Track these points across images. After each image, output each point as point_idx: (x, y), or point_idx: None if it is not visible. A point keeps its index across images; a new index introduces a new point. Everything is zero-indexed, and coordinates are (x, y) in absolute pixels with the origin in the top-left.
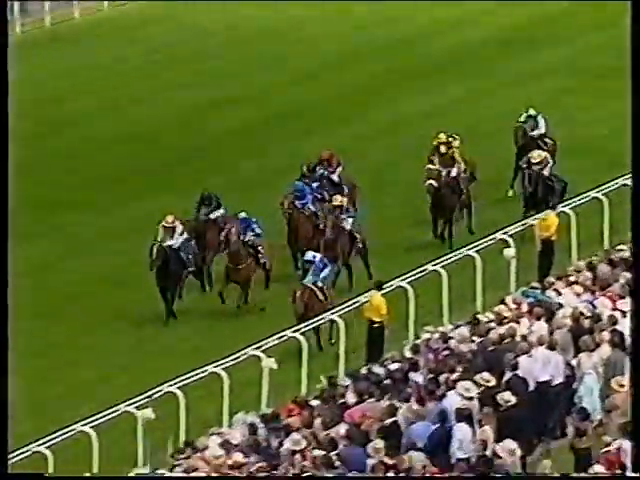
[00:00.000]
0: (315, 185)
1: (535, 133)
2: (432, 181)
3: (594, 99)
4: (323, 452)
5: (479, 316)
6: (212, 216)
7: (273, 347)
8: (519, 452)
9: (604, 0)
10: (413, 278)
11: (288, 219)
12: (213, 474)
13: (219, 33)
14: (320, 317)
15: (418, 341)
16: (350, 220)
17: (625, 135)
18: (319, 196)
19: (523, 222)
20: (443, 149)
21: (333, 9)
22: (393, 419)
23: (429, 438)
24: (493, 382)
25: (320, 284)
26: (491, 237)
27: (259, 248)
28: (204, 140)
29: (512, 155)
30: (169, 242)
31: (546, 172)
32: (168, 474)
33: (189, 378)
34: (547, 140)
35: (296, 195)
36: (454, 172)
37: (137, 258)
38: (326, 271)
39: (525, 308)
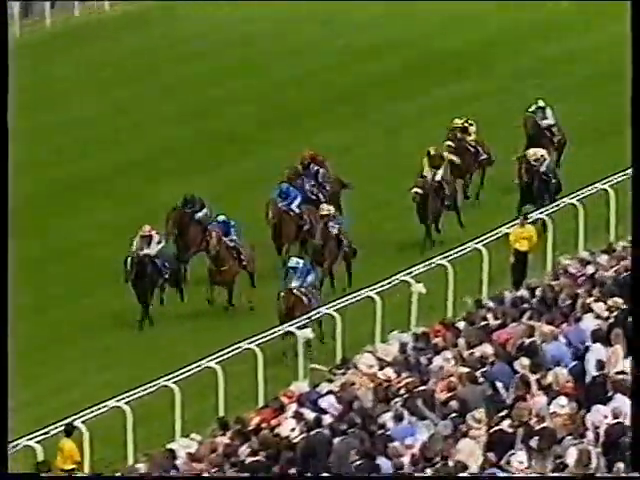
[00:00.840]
0: (310, 184)
1: (544, 123)
2: (417, 189)
3: None
4: (469, 369)
5: (614, 245)
6: (196, 216)
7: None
8: None
9: (604, 0)
10: (551, 211)
11: (272, 219)
12: (368, 387)
13: None
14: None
15: (557, 267)
16: (337, 226)
17: None
18: (314, 195)
19: None
20: (459, 134)
21: None
22: (532, 339)
23: (566, 357)
24: (624, 306)
25: (303, 289)
26: (623, 172)
27: (240, 250)
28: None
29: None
30: (146, 250)
31: (543, 168)
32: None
33: (345, 302)
34: (555, 131)
35: (281, 197)
36: (438, 176)
37: None
38: (311, 277)
39: None
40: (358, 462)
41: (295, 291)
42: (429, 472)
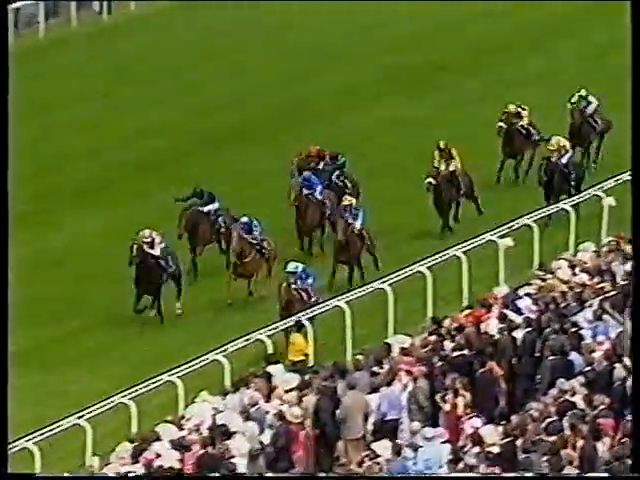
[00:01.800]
0: (337, 174)
1: (590, 110)
2: (430, 179)
3: None
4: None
5: None
6: (205, 209)
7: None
8: None
9: (604, 0)
10: None
11: (295, 206)
12: (563, 291)
13: None
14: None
15: None
16: (359, 220)
17: None
18: (340, 183)
19: None
20: (512, 119)
21: None
22: None
23: None
24: None
25: (304, 287)
26: None
27: (264, 243)
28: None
29: None
30: (149, 250)
31: (564, 160)
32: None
33: (542, 212)
34: (598, 119)
35: (305, 185)
36: (452, 167)
37: None
38: (310, 280)
39: None
40: (552, 358)
41: (293, 286)
42: (618, 367)
